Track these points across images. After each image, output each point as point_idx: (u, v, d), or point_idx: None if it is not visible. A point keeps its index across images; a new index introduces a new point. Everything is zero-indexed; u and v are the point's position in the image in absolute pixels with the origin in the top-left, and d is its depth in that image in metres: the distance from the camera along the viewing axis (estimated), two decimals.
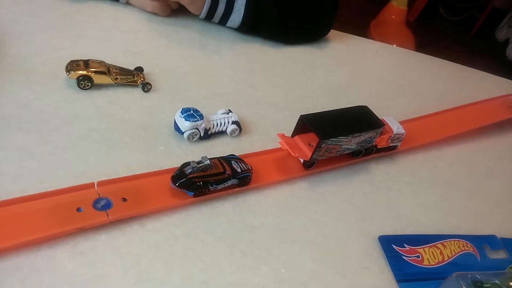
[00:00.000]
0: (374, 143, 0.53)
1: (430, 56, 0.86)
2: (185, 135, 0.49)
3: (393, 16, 2.27)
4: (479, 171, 0.61)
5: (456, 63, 0.87)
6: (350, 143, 0.49)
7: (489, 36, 2.66)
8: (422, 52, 0.88)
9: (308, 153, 0.48)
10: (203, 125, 0.49)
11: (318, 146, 0.46)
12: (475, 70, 0.86)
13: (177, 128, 0.50)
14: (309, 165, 0.50)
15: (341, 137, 0.47)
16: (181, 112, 0.49)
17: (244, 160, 0.46)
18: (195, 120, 0.49)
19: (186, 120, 0.49)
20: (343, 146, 0.49)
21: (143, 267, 0.37)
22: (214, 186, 0.43)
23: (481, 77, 0.85)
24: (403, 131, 0.54)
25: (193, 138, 0.50)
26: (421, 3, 2.60)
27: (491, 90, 0.76)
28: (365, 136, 0.50)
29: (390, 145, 0.55)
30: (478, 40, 2.68)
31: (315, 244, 0.44)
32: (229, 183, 0.44)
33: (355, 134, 0.48)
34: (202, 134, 0.50)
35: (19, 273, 0.34)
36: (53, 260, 0.36)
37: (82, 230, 0.38)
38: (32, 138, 0.45)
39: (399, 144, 0.56)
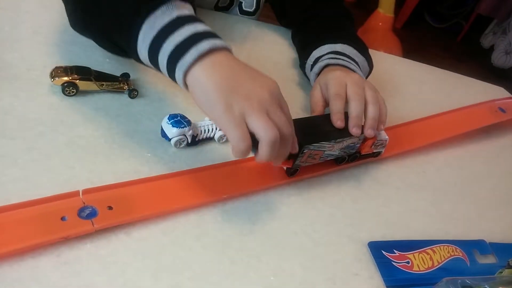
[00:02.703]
0: (357, 149, 0.53)
1: (416, 62, 0.87)
2: (172, 141, 0.49)
3: (380, 23, 2.30)
4: (466, 176, 0.61)
5: (443, 69, 0.88)
6: (333, 149, 0.49)
7: (475, 42, 2.71)
8: (408, 58, 0.89)
9: (290, 160, 0.47)
10: (190, 131, 0.49)
11: (301, 152, 0.46)
12: (462, 76, 0.87)
13: (164, 134, 0.49)
14: (292, 173, 0.49)
15: (323, 142, 0.47)
16: (168, 118, 0.49)
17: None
18: (182, 126, 0.48)
19: (173, 126, 0.48)
20: (326, 152, 0.49)
21: (129, 277, 0.36)
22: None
23: (468, 82, 0.86)
24: (386, 137, 0.54)
25: (180, 144, 0.49)
26: (407, 10, 2.64)
27: (478, 96, 0.77)
28: (348, 141, 0.50)
29: (374, 151, 0.55)
30: (463, 47, 2.73)
31: (304, 251, 0.43)
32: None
33: (338, 140, 0.48)
34: (189, 141, 0.49)
35: (1, 283, 0.33)
36: (37, 270, 0.35)
37: (67, 240, 0.37)
38: (16, 145, 0.44)
39: (383, 150, 0.55)
